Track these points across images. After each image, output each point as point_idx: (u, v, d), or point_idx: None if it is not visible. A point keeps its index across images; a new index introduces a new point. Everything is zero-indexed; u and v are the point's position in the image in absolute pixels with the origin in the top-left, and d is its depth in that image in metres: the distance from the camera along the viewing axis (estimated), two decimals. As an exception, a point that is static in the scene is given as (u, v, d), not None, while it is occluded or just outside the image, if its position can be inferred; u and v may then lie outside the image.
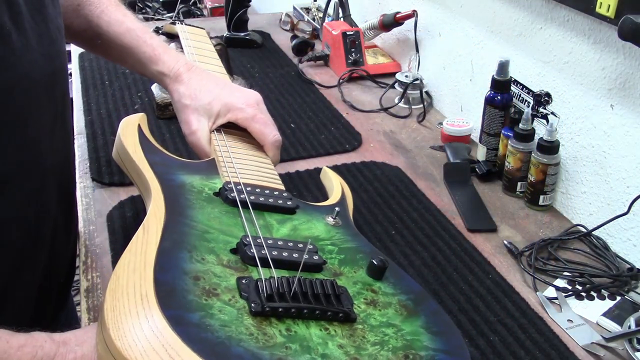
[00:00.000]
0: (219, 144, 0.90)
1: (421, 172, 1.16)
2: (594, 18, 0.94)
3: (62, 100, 0.83)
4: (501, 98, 1.11)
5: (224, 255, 0.67)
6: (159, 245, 0.65)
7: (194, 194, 0.77)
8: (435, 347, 0.64)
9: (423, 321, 0.67)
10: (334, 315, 0.63)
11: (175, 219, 0.71)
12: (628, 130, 0.93)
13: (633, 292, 0.88)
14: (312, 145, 1.22)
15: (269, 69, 1.57)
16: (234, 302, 0.61)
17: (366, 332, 0.63)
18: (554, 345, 0.78)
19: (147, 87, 1.38)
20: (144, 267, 0.61)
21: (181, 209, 0.73)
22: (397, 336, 0.64)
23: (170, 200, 0.74)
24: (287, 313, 0.61)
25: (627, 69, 0.91)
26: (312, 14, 1.86)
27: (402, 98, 1.41)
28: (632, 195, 0.91)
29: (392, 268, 0.75)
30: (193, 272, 0.62)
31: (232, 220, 0.75)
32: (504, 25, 1.17)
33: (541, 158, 1.02)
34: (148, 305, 0.56)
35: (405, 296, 0.71)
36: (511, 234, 1.00)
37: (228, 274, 0.64)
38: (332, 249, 0.76)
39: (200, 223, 0.72)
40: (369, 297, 0.69)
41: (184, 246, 0.66)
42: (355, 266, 0.74)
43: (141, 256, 0.63)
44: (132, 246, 0.65)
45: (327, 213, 0.83)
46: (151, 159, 0.83)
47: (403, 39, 1.58)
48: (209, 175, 0.83)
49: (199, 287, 0.61)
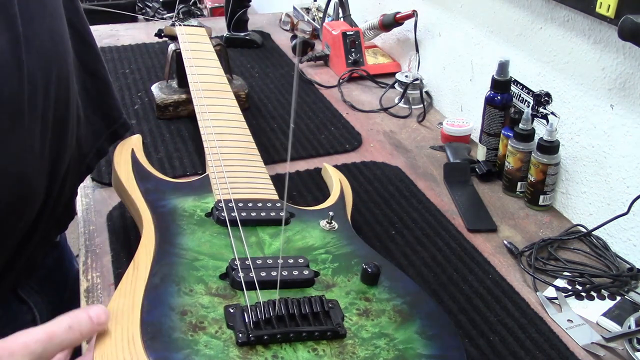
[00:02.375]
0: (212, 159, 0.90)
1: (421, 172, 1.16)
2: (594, 18, 0.94)
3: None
4: (501, 98, 1.11)
5: (213, 282, 0.69)
6: (147, 282, 0.66)
7: (185, 219, 0.79)
8: (430, 353, 0.64)
9: (418, 325, 0.67)
10: (322, 334, 0.63)
11: (164, 249, 0.72)
12: (628, 130, 0.93)
13: (633, 292, 0.88)
14: (312, 145, 1.22)
15: (269, 69, 1.57)
16: (220, 333, 0.62)
17: (356, 347, 0.63)
18: (554, 345, 0.78)
19: (147, 87, 1.38)
20: (131, 309, 0.63)
21: (171, 237, 0.75)
22: (389, 347, 0.64)
23: (161, 229, 0.76)
24: (273, 339, 0.62)
25: (627, 69, 0.91)
26: (312, 14, 1.86)
27: (402, 98, 1.41)
28: (632, 195, 0.91)
29: (389, 270, 0.75)
30: (180, 307, 0.64)
31: (224, 241, 0.76)
32: (504, 25, 1.17)
33: (541, 158, 1.02)
34: (135, 350, 0.58)
35: (400, 300, 0.70)
36: (511, 234, 1.00)
37: (216, 304, 0.66)
38: (326, 257, 0.76)
39: (190, 251, 0.73)
40: (361, 307, 0.69)
41: (172, 279, 0.68)
42: (350, 273, 0.74)
43: (130, 297, 0.64)
44: (122, 286, 0.67)
45: (322, 217, 0.84)
46: (143, 187, 0.84)
47: (403, 39, 1.58)
48: (202, 195, 0.85)
49: (186, 322, 0.62)
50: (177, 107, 1.28)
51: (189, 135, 1.22)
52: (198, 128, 0.98)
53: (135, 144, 0.94)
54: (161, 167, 1.11)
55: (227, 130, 0.97)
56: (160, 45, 1.65)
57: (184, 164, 1.13)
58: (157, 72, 1.49)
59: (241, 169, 0.90)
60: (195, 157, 1.15)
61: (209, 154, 0.91)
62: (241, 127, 0.99)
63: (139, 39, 1.70)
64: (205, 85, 1.07)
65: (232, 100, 1.05)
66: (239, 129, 0.98)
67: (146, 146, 1.18)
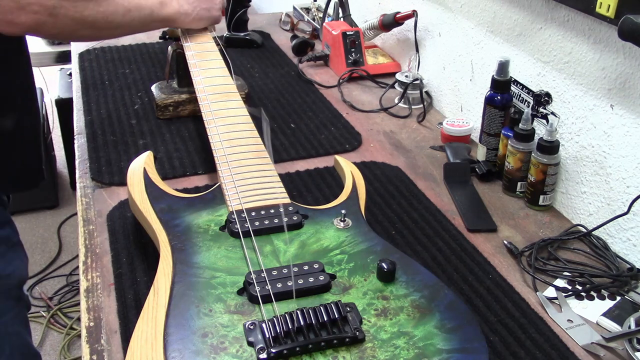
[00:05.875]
0: (221, 169, 0.90)
1: (421, 172, 1.16)
2: (594, 18, 0.94)
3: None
4: (501, 98, 1.11)
5: (231, 299, 0.70)
6: (168, 307, 0.68)
7: (200, 236, 0.80)
8: (450, 347, 0.64)
9: (437, 319, 0.68)
10: (341, 342, 0.64)
11: (182, 270, 0.74)
12: (628, 130, 0.93)
13: (633, 292, 0.88)
14: (312, 145, 1.22)
15: (269, 69, 1.57)
16: (241, 352, 0.63)
17: (376, 350, 0.64)
18: (554, 345, 0.78)
19: (147, 87, 1.38)
20: (154, 336, 0.64)
21: (187, 256, 0.76)
22: (408, 346, 0.64)
23: (178, 250, 0.77)
24: (292, 352, 0.63)
25: (627, 69, 0.91)
26: (312, 14, 1.86)
27: (402, 98, 1.41)
28: (632, 195, 0.91)
29: (405, 264, 0.75)
30: (201, 329, 0.65)
31: (239, 254, 0.77)
32: (504, 25, 1.17)
33: (541, 158, 1.02)
34: None
35: (418, 294, 0.71)
36: (511, 234, 1.00)
37: (235, 321, 0.67)
38: (342, 258, 0.76)
39: (207, 269, 0.74)
40: (379, 306, 0.69)
41: (192, 301, 0.69)
42: (366, 272, 0.74)
43: (152, 323, 0.66)
44: (144, 313, 0.68)
45: (336, 215, 0.84)
46: (158, 207, 0.86)
47: (403, 39, 1.58)
48: (215, 207, 0.86)
49: (207, 344, 0.64)
50: (177, 107, 1.28)
51: (189, 135, 1.22)
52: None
53: (147, 163, 0.94)
54: (161, 167, 1.11)
55: (235, 135, 0.96)
56: (160, 45, 1.65)
57: (184, 164, 1.13)
58: (157, 72, 1.49)
59: (252, 174, 0.90)
60: (195, 157, 1.15)
61: (219, 163, 0.91)
62: (249, 129, 0.99)
63: (139, 39, 1.70)
64: (211, 88, 1.07)
65: (238, 102, 1.05)
66: (247, 132, 0.98)
67: (146, 146, 1.18)
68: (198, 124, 1.24)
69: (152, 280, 0.74)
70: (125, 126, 1.25)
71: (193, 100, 1.26)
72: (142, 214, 0.86)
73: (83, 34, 0.99)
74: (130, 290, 0.83)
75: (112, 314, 0.80)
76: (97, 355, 0.74)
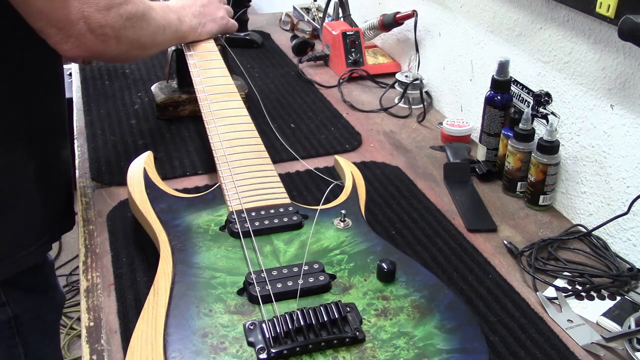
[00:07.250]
0: (221, 169, 0.90)
1: (421, 172, 1.16)
2: (594, 18, 0.94)
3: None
4: (501, 98, 1.11)
5: (231, 300, 0.70)
6: (168, 307, 0.68)
7: (200, 236, 0.80)
8: (450, 347, 0.64)
9: (437, 319, 0.68)
10: (341, 342, 0.64)
11: (182, 270, 0.74)
12: (628, 130, 0.93)
13: (633, 292, 0.88)
14: (312, 145, 1.22)
15: (269, 69, 1.57)
16: (241, 352, 0.63)
17: (376, 350, 0.64)
18: (554, 345, 0.78)
19: (147, 87, 1.38)
20: (154, 336, 0.64)
21: (187, 257, 0.76)
22: (408, 346, 0.64)
23: (178, 250, 0.77)
24: (292, 352, 0.63)
25: (627, 69, 0.91)
26: (312, 14, 1.86)
27: (402, 98, 1.41)
28: (632, 195, 0.91)
29: (406, 264, 0.75)
30: (201, 330, 0.65)
31: (239, 254, 0.77)
32: (504, 25, 1.17)
33: (541, 158, 1.02)
34: None
35: (418, 294, 0.71)
36: (511, 234, 1.00)
37: (235, 321, 0.67)
38: (342, 258, 0.77)
39: (207, 269, 0.74)
40: (379, 306, 0.69)
41: (192, 301, 0.69)
42: (366, 272, 0.74)
43: (152, 323, 0.66)
44: (144, 313, 0.68)
45: (336, 215, 0.84)
46: (158, 207, 0.86)
47: (403, 39, 1.58)
48: (215, 207, 0.86)
49: (207, 344, 0.64)
50: (177, 107, 1.28)
51: (189, 135, 1.22)
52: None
53: (147, 163, 0.94)
54: (161, 167, 1.11)
55: (235, 135, 0.97)
56: (160, 45, 1.65)
57: (184, 164, 1.13)
58: (157, 72, 1.49)
59: (252, 174, 0.90)
60: (195, 157, 1.15)
61: (219, 163, 0.91)
62: (249, 129, 0.99)
63: (139, 39, 1.69)
64: (211, 88, 1.06)
65: (238, 102, 1.05)
66: (247, 132, 0.98)
67: (146, 146, 1.18)
68: (198, 124, 1.24)
69: (152, 280, 0.74)
70: (125, 126, 1.25)
71: (193, 100, 1.26)
72: (142, 214, 0.85)
73: (132, 54, 0.95)
74: (130, 290, 0.83)
75: (112, 314, 0.80)
76: (97, 355, 0.74)
